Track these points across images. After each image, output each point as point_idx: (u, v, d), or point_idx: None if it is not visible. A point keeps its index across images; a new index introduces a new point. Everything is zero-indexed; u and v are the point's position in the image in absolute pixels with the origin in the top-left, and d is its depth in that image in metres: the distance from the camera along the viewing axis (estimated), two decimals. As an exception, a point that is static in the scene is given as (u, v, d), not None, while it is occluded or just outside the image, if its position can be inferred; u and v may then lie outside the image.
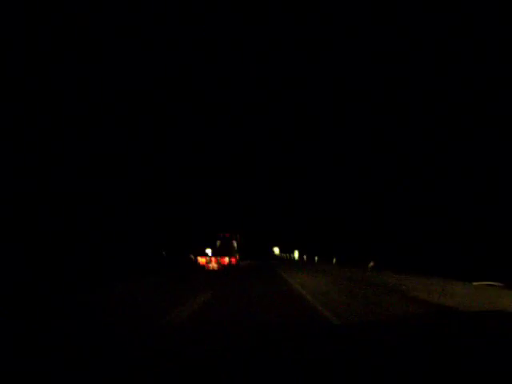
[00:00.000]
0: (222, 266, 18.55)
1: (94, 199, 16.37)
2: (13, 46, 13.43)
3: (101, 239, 15.01)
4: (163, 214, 22.13)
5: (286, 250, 47.00)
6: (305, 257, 34.83)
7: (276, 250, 52.55)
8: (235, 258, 20.29)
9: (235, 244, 21.92)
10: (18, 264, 9.45)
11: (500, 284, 6.44)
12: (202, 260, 18.98)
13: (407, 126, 21.46)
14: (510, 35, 14.81)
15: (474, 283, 6.68)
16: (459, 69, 17.50)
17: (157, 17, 20.73)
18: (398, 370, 0.84)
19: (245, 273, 16.25)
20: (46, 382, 0.80)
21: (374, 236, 22.32)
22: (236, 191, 38.67)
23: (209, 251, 20.10)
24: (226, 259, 19.30)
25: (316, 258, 29.57)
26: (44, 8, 14.32)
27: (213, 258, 19.09)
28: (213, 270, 17.44)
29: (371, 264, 15.20)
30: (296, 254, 39.67)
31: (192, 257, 20.65)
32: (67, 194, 14.73)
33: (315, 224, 36.12)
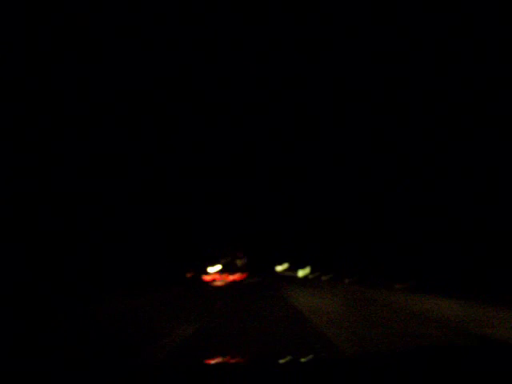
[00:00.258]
0: (227, 283, 18.63)
1: (94, 199, 16.36)
2: (13, 45, 13.42)
3: (101, 240, 15.01)
4: (163, 214, 22.13)
5: (291, 266, 45.99)
6: (310, 275, 34.08)
7: (279, 268, 51.91)
8: (241, 275, 20.31)
9: (241, 262, 21.92)
10: (19, 264, 9.45)
11: None
12: (207, 278, 19.04)
13: (407, 125, 21.47)
14: (510, 35, 14.80)
15: None
16: (459, 69, 17.50)
17: (157, 17, 20.74)
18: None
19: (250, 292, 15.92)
20: (46, 382, 0.80)
21: (382, 238, 22.26)
22: (236, 191, 38.66)
23: (212, 269, 20.04)
24: (232, 277, 19.31)
25: (324, 278, 28.86)
26: (44, 8, 14.32)
27: (218, 276, 19.11)
28: (219, 287, 17.42)
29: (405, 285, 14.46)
30: (300, 272, 38.99)
31: (189, 275, 20.60)
32: (67, 194, 14.72)
33: (316, 225, 36.10)
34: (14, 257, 9.74)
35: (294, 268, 44.43)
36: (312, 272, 34.82)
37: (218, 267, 20.28)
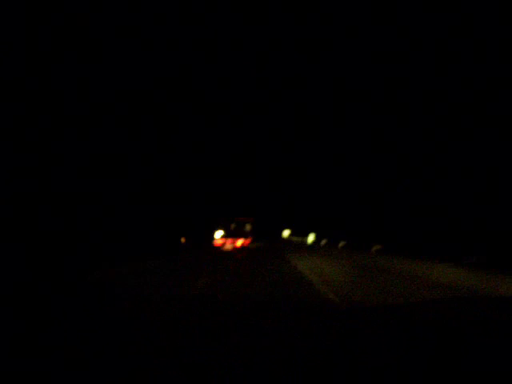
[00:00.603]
0: (235, 248, 19.56)
1: (94, 199, 16.37)
2: (13, 45, 13.42)
3: (101, 240, 15.01)
4: (163, 214, 22.16)
5: (299, 233, 45.19)
6: (323, 241, 32.81)
7: (285, 234, 51.13)
8: (248, 240, 21.27)
9: (249, 227, 22.61)
10: (19, 264, 9.46)
11: None
12: (218, 242, 20.03)
13: (407, 125, 21.47)
14: (510, 35, 14.81)
15: None
16: (459, 69, 17.50)
17: (157, 17, 20.72)
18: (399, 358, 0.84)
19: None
20: (46, 382, 0.80)
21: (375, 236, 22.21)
22: (236, 191, 38.73)
23: (219, 233, 20.83)
24: (240, 241, 20.24)
25: (340, 244, 27.70)
26: (44, 8, 14.32)
27: (228, 240, 20.00)
28: (227, 251, 18.26)
29: None
30: (310, 238, 37.76)
31: (183, 240, 21.10)
32: (67, 194, 14.73)
33: (316, 224, 36.07)
34: (14, 257, 9.75)
35: (299, 234, 43.59)
36: (318, 239, 33.78)
37: (227, 232, 21.02)
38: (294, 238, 44.21)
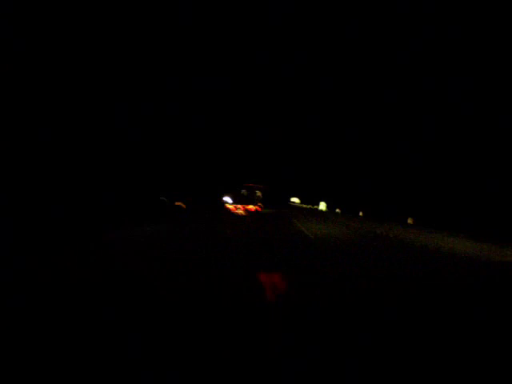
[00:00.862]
0: (248, 212, 19.78)
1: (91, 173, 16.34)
2: (13, 45, 13.41)
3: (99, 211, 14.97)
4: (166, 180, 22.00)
5: (308, 201, 44.25)
6: (338, 210, 31.58)
7: (296, 200, 51.07)
8: (260, 206, 21.54)
9: (259, 194, 22.85)
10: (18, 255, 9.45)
11: None
12: (230, 206, 20.28)
13: (407, 125, 21.47)
14: (510, 35, 14.81)
15: None
16: (459, 69, 17.51)
17: (156, 17, 20.74)
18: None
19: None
20: (46, 381, 0.80)
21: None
22: (245, 162, 38.64)
23: (228, 199, 20.84)
24: (252, 207, 20.51)
25: (361, 213, 26.15)
26: (44, 8, 14.30)
27: (240, 206, 20.18)
28: (240, 216, 18.45)
29: None
30: (322, 205, 36.80)
31: (165, 199, 20.12)
32: (62, 172, 14.69)
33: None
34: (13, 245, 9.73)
35: (308, 202, 42.62)
36: (330, 207, 32.75)
37: (237, 199, 21.14)
38: (305, 205, 44.30)
